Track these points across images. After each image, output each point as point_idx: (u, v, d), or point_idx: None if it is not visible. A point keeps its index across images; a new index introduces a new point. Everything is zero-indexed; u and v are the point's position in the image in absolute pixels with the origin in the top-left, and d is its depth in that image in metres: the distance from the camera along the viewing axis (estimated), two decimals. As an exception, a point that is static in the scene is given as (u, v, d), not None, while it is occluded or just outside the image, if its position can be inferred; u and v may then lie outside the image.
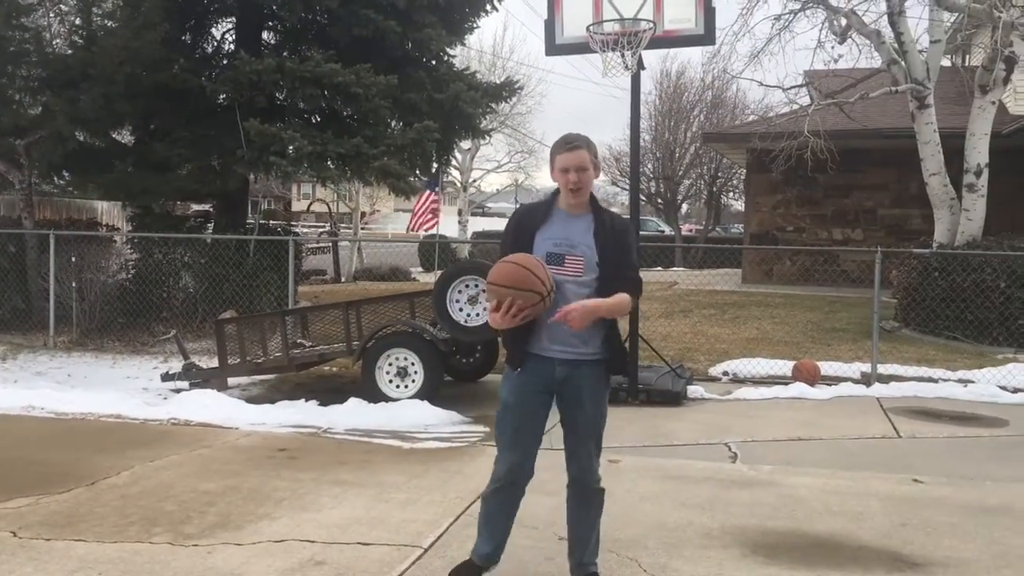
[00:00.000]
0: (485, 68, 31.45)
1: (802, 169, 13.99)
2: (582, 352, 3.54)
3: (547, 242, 3.53)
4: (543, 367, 3.55)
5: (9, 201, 14.38)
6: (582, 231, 3.54)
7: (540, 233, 3.55)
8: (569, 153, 3.53)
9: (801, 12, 13.15)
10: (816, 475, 5.69)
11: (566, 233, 3.54)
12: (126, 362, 10.30)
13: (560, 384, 3.56)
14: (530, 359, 3.57)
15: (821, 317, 13.23)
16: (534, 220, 3.60)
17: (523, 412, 3.60)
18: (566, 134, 3.66)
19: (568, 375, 3.54)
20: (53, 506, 4.88)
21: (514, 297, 3.35)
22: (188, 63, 11.82)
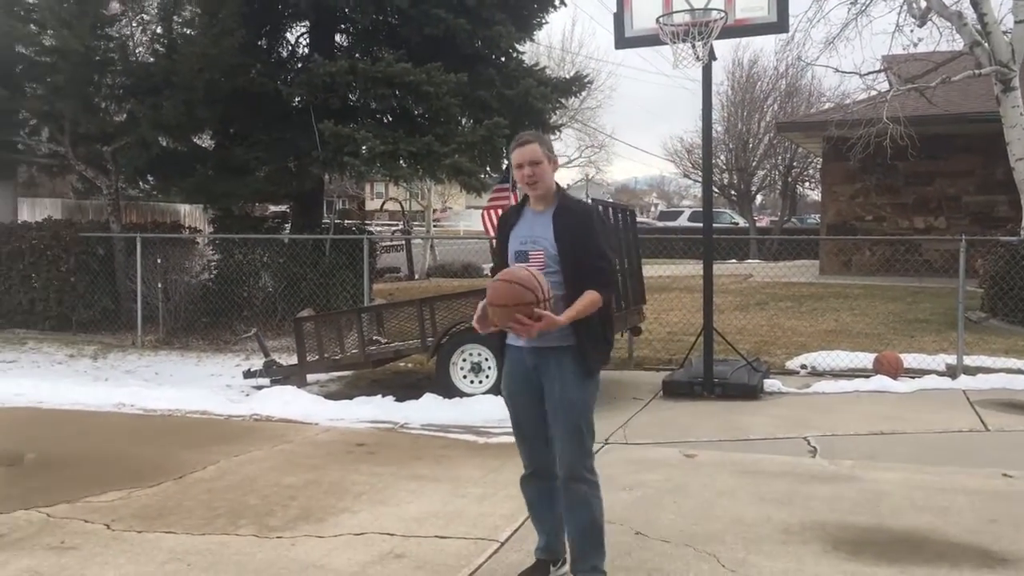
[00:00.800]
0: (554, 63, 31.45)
1: (881, 157, 13.66)
2: (552, 340, 3.53)
3: (515, 241, 3.67)
4: (519, 356, 3.67)
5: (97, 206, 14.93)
6: (545, 226, 3.60)
7: (512, 232, 3.69)
8: (521, 148, 3.62)
9: (878, -5, 12.80)
10: (900, 470, 5.55)
11: (531, 230, 3.63)
12: (210, 360, 10.60)
13: (535, 372, 3.64)
14: (509, 351, 3.72)
15: (903, 308, 12.89)
16: (509, 222, 3.74)
17: (516, 403, 3.73)
18: (519, 134, 3.77)
19: (537, 363, 3.61)
20: (144, 499, 5.07)
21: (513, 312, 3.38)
22: (264, 68, 12.10)
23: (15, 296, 12.07)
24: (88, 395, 8.11)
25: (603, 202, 8.43)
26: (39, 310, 12.01)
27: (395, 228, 30.93)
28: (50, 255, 11.94)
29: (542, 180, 3.61)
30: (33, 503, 4.95)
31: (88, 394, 8.16)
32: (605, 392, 8.24)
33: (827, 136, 17.07)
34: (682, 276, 12.56)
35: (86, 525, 4.60)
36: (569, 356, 3.57)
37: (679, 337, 10.54)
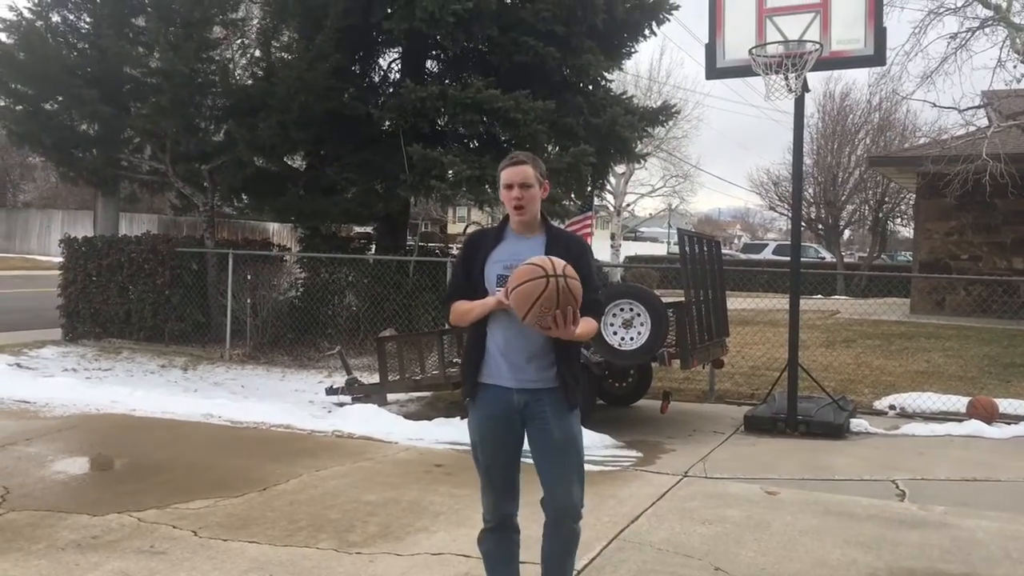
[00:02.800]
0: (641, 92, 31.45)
1: (979, 194, 13.24)
2: (542, 380, 3.37)
3: (497, 265, 3.40)
4: (502, 396, 3.39)
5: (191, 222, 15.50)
6: (534, 252, 3.34)
7: (490, 256, 3.42)
8: (513, 168, 3.43)
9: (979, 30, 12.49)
10: (994, 518, 5.33)
11: (516, 255, 3.35)
12: (294, 375, 10.82)
13: (522, 411, 3.39)
14: (486, 390, 3.42)
15: (999, 351, 12.40)
16: (485, 244, 3.48)
17: (492, 446, 3.44)
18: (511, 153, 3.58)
19: (528, 401, 3.37)
20: (229, 508, 5.19)
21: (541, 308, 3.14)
22: (357, 92, 12.39)
23: (113, 307, 12.54)
24: (178, 405, 8.36)
25: (689, 232, 8.36)
26: (135, 321, 12.45)
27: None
28: (147, 268, 12.39)
29: (531, 204, 3.42)
30: (125, 507, 5.12)
31: (178, 404, 8.42)
32: (685, 424, 8.19)
33: (922, 171, 16.61)
34: (766, 310, 12.35)
35: (174, 531, 4.74)
36: (560, 395, 3.39)
37: (762, 372, 10.34)
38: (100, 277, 12.66)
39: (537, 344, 3.35)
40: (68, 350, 11.86)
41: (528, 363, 3.36)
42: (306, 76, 11.09)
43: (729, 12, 8.18)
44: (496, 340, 3.40)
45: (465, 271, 3.47)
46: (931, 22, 12.61)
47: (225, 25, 12.65)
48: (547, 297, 3.11)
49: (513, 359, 3.37)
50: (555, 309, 3.13)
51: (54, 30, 12.33)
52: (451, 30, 11.12)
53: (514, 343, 3.37)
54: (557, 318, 3.15)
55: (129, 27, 12.45)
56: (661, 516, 5.26)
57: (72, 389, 8.94)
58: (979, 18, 12.43)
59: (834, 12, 7.74)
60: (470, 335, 3.49)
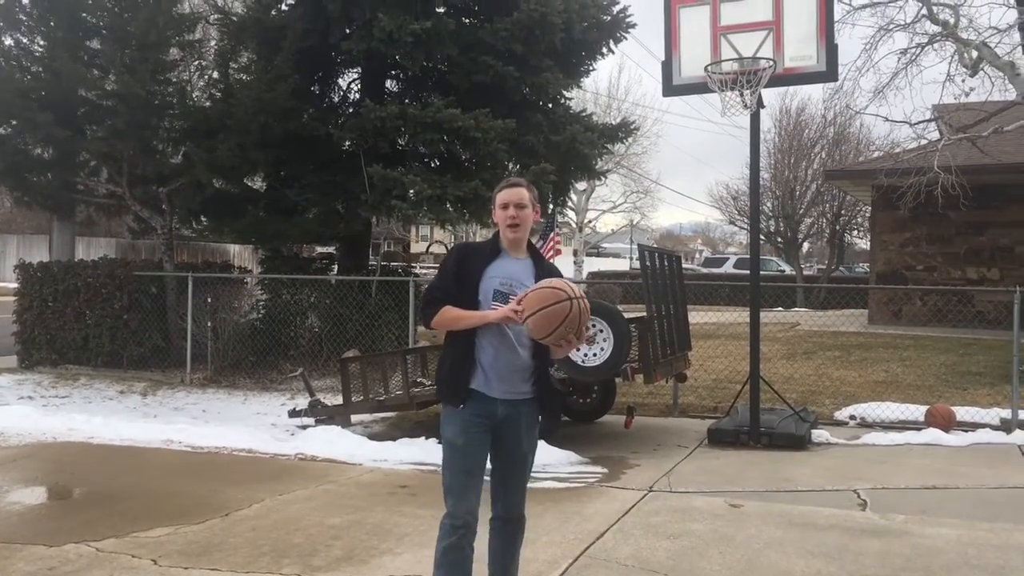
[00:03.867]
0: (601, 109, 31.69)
1: (932, 206, 13.46)
2: (522, 392, 3.60)
3: (494, 280, 3.59)
4: (487, 406, 3.56)
5: (150, 245, 15.31)
6: (524, 273, 3.63)
7: (487, 271, 3.60)
8: (509, 189, 3.66)
9: (929, 46, 12.75)
10: (954, 526, 5.41)
11: (510, 273, 3.61)
12: (256, 399, 10.71)
13: (500, 422, 3.59)
14: (474, 397, 3.56)
15: (955, 360, 12.62)
16: (480, 258, 3.65)
17: (472, 452, 3.57)
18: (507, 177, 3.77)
19: (508, 413, 3.58)
20: (190, 536, 5.11)
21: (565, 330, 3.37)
22: (316, 112, 12.36)
23: (69, 333, 12.33)
24: (138, 431, 8.23)
25: (650, 248, 8.42)
26: (92, 347, 12.25)
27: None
28: (104, 293, 12.20)
29: (524, 224, 3.64)
30: (82, 537, 5.02)
31: (138, 430, 8.28)
32: (650, 439, 8.23)
33: (876, 184, 16.89)
34: (727, 323, 12.45)
35: (133, 560, 4.66)
36: (535, 407, 3.67)
37: (724, 385, 10.42)
38: (56, 303, 12.45)
39: (521, 360, 3.58)
40: (24, 377, 11.64)
41: (512, 375, 3.58)
42: (265, 97, 11.04)
43: (684, 30, 8.30)
44: (486, 353, 3.56)
45: (457, 279, 3.60)
46: (882, 38, 12.83)
47: (182, 47, 12.56)
48: (572, 319, 3.36)
49: (500, 372, 3.56)
50: (576, 330, 3.40)
51: (7, 53, 12.14)
52: (410, 50, 11.15)
53: (503, 357, 3.56)
54: (571, 338, 3.42)
55: (84, 50, 12.31)
56: (627, 532, 5.27)
57: (28, 417, 8.76)
58: (928, 34, 12.69)
59: (787, 30, 7.88)
60: (458, 344, 3.60)
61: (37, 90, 11.68)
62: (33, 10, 12.20)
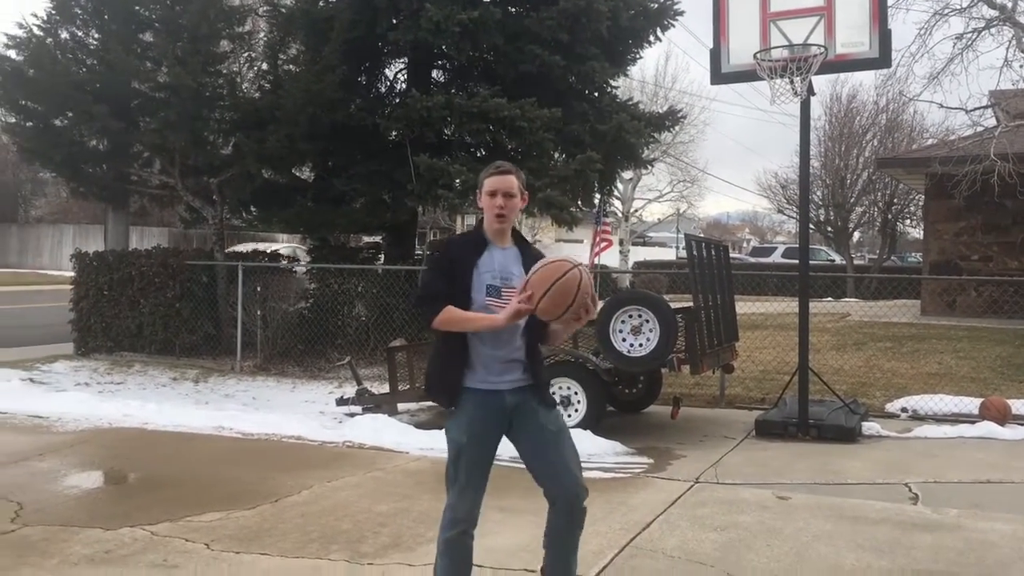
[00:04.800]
0: (647, 98, 31.45)
1: (988, 194, 13.18)
2: (525, 378, 3.54)
3: (486, 275, 3.48)
4: (493, 400, 3.50)
5: (201, 235, 15.57)
6: (512, 263, 3.53)
7: (477, 266, 3.48)
8: (498, 176, 3.53)
9: (985, 30, 12.45)
10: (1008, 520, 5.30)
11: (501, 265, 3.51)
12: (304, 387, 10.85)
13: (512, 412, 3.53)
14: (473, 394, 3.49)
15: (1011, 352, 12.34)
16: (467, 251, 3.52)
17: (481, 449, 3.53)
18: (495, 162, 3.67)
19: (518, 402, 3.52)
20: (242, 521, 5.21)
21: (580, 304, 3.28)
22: (363, 103, 12.44)
23: (124, 321, 12.59)
24: (190, 417, 8.39)
25: (696, 237, 8.36)
26: (146, 334, 12.50)
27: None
28: (158, 282, 12.43)
29: (511, 214, 3.52)
30: (137, 521, 5.14)
31: (190, 416, 8.44)
32: (696, 430, 8.18)
33: (930, 172, 16.57)
34: (775, 314, 12.30)
35: (187, 544, 4.76)
36: (542, 391, 3.63)
37: (772, 376, 10.32)
38: (111, 291, 12.72)
39: (516, 345, 3.51)
40: (80, 364, 11.92)
41: (513, 364, 3.52)
42: (313, 88, 11.15)
43: (733, 17, 8.19)
44: (485, 344, 3.47)
45: (447, 277, 3.48)
46: (936, 23, 12.59)
47: (232, 39, 12.72)
48: (585, 284, 3.26)
49: (503, 361, 3.50)
50: (591, 296, 3.30)
51: (63, 46, 12.41)
52: (456, 40, 11.17)
53: (503, 347, 3.49)
54: (589, 306, 3.30)
55: (137, 43, 12.52)
56: (673, 523, 5.25)
57: (84, 403, 8.97)
58: (985, 18, 12.40)
59: (838, 15, 7.74)
60: (449, 343, 3.50)
61: (92, 82, 11.92)
62: (88, 4, 12.45)
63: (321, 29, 11.72)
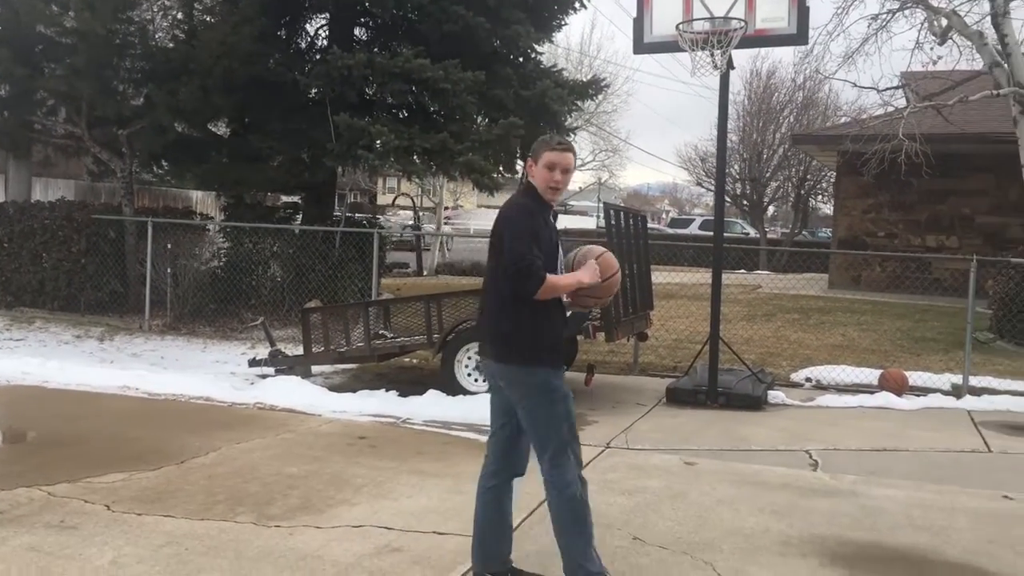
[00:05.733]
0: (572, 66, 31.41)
1: (896, 173, 13.57)
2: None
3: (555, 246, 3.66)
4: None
5: (110, 189, 15.01)
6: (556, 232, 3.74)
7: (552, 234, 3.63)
8: (560, 153, 3.61)
9: (899, 12, 12.74)
10: (901, 487, 5.54)
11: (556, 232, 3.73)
12: (215, 347, 10.63)
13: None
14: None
15: (911, 326, 12.85)
16: (543, 219, 3.61)
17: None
18: (555, 135, 3.83)
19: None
20: (144, 482, 5.09)
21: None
22: (282, 58, 12.12)
23: (25, 275, 12.12)
24: (93, 376, 8.14)
25: (615, 206, 8.42)
26: (48, 290, 12.06)
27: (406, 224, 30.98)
28: (62, 236, 11.99)
29: (564, 189, 3.68)
30: (35, 481, 4.97)
31: (93, 375, 8.20)
32: (609, 397, 8.30)
33: (842, 150, 17.03)
34: (690, 284, 12.55)
35: (86, 505, 4.63)
36: None
37: (685, 345, 10.53)
38: (11, 244, 12.21)
39: None
40: (-23, 320, 11.44)
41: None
42: (229, 40, 10.81)
43: (658, -13, 8.20)
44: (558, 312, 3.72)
45: (539, 246, 3.50)
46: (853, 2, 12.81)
47: (145, -15, 12.23)
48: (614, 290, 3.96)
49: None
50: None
51: (-39, -13, 11.75)
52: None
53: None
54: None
55: (42, -16, 11.93)
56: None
57: (-19, 360, 8.63)
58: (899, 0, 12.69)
59: (759, -10, 7.82)
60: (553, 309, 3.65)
61: (-7, 25, 11.34)
62: (-10, -58, 11.80)
63: (239, -21, 11.35)
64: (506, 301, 3.54)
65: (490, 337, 3.66)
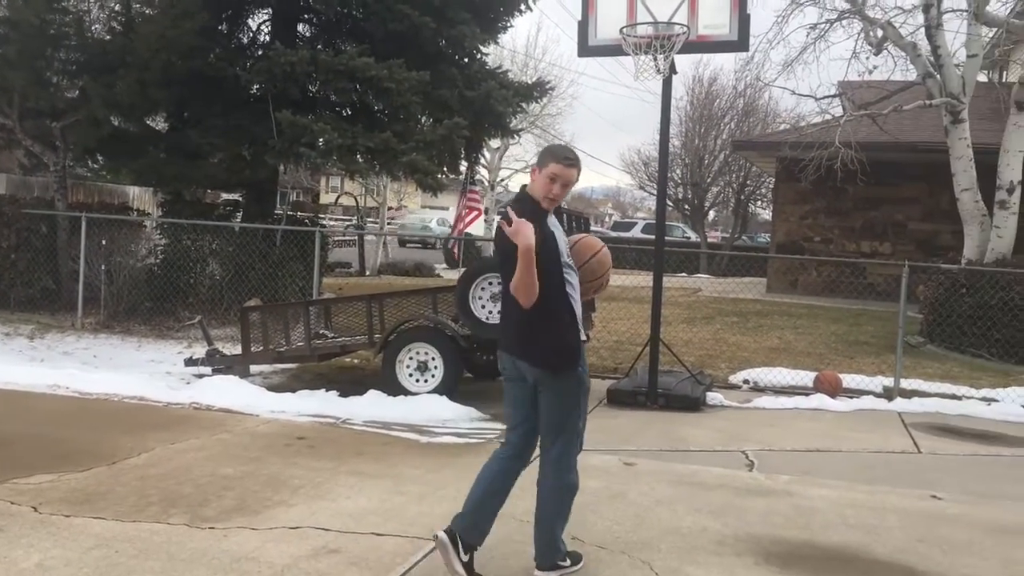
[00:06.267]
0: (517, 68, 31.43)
1: (832, 180, 13.91)
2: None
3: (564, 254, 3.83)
4: None
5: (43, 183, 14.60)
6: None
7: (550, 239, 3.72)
8: (566, 168, 3.71)
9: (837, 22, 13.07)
10: (833, 487, 5.65)
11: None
12: (151, 346, 10.41)
13: None
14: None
15: (845, 329, 13.14)
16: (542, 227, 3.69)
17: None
18: (564, 147, 3.94)
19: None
20: (73, 483, 4.95)
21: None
22: (223, 52, 11.91)
23: (-49, 270, 11.73)
24: (21, 375, 7.90)
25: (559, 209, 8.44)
26: (-25, 286, 11.68)
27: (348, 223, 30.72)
28: (-9, 230, 11.62)
29: (559, 203, 3.81)
30: (-43, 483, 4.81)
31: (22, 374, 7.95)
32: (550, 397, 8.29)
33: (780, 156, 17.36)
34: (632, 287, 12.64)
35: (12, 507, 4.49)
36: None
37: (626, 347, 10.61)
38: (-63, 238, 11.80)
39: None
40: (-101, 316, 11.04)
41: None
42: (169, 33, 10.58)
43: (602, -10, 8.26)
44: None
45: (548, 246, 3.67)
46: (793, 11, 13.10)
47: (81, -26, 11.92)
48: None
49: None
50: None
51: None
52: (325, -7, 10.83)
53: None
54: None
55: (-29, -29, 11.57)
56: (524, 487, 5.29)
57: (-98, 358, 8.33)
58: (837, 10, 13.00)
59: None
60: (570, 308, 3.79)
61: (-82, 12, 10.96)
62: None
63: (180, -29, 11.12)
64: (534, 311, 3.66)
65: (522, 343, 3.78)
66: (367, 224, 30.76)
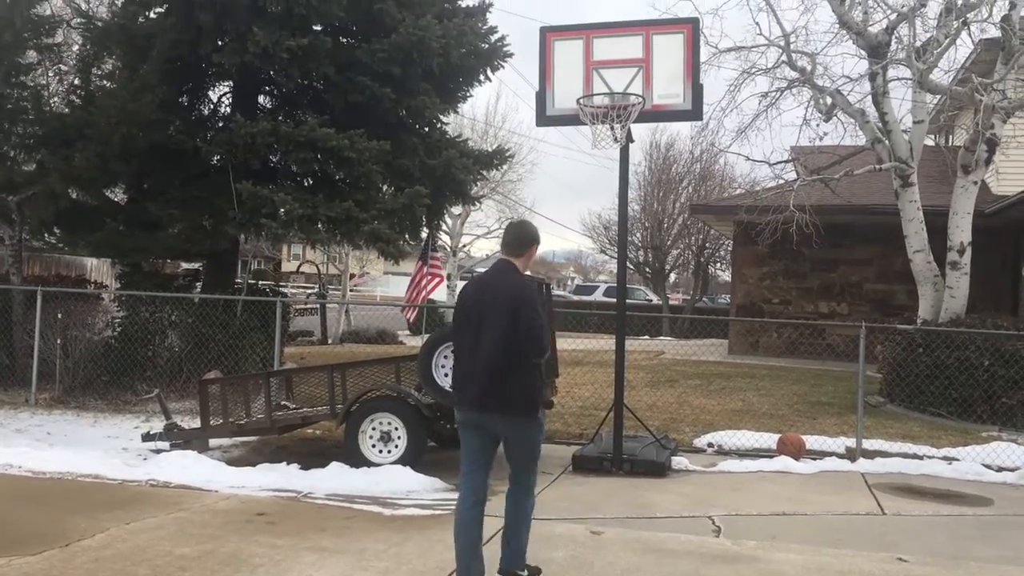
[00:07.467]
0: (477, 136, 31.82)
1: (788, 242, 14.13)
2: None
3: None
4: None
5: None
6: None
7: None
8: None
9: (788, 90, 13.44)
10: (800, 551, 5.64)
11: None
12: (107, 421, 10.19)
13: None
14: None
15: (806, 390, 13.24)
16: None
17: None
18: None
19: None
20: (25, 568, 4.79)
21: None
22: (184, 124, 11.93)
23: (-100, 346, 11.45)
24: (-28, 454, 7.68)
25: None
26: (-74, 362, 11.40)
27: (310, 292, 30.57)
28: (-57, 305, 11.39)
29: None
30: (-99, 570, 4.63)
31: (-28, 453, 7.73)
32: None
33: (737, 220, 17.66)
34: (596, 351, 12.67)
35: (-42, 595, 4.33)
36: None
37: (591, 412, 10.58)
38: None
39: None
40: None
41: None
42: (129, 107, 10.59)
43: (559, 63, 8.44)
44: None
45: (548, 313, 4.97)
46: (745, 81, 13.44)
47: (40, 50, 11.95)
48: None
49: None
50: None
51: None
52: (285, 67, 10.94)
53: None
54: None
55: (-72, 45, 11.54)
56: (490, 560, 5.24)
57: None
58: (787, 79, 13.38)
59: (656, 68, 8.14)
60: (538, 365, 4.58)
61: None
62: None
63: (140, 46, 11.19)
64: (517, 364, 4.45)
65: (497, 395, 4.45)
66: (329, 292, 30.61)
